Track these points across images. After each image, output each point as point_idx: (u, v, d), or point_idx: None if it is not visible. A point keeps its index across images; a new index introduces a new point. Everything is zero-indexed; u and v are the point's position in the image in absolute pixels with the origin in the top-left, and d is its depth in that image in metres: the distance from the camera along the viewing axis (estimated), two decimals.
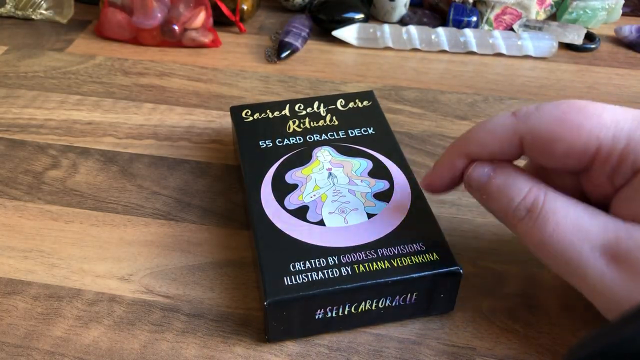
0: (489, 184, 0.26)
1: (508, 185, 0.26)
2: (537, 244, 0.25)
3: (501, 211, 0.26)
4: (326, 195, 0.32)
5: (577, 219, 0.24)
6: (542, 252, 0.25)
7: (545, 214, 0.25)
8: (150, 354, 0.28)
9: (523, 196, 0.26)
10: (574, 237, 0.24)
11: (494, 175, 0.26)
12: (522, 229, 0.26)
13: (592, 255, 0.24)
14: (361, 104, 0.38)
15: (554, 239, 0.24)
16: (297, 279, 0.27)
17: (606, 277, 0.24)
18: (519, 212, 0.26)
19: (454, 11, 0.52)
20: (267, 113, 0.37)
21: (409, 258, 0.28)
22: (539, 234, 0.25)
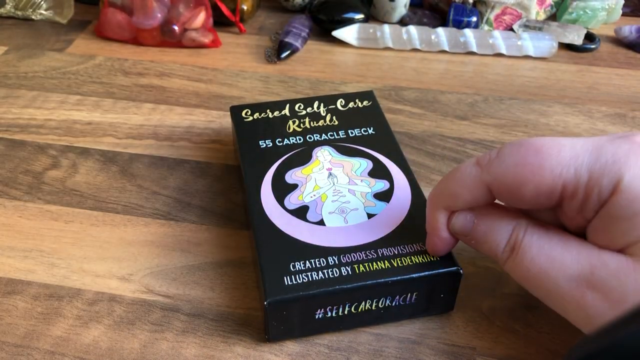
0: (475, 231, 0.27)
1: (492, 230, 0.27)
2: (520, 278, 0.26)
3: (490, 253, 0.27)
4: (326, 195, 0.32)
5: (551, 252, 0.25)
6: (527, 286, 0.26)
7: (522, 250, 0.26)
8: (150, 353, 0.28)
9: (507, 238, 0.26)
10: (549, 269, 0.25)
11: (477, 223, 0.27)
12: (508, 267, 0.27)
13: (567, 286, 0.24)
14: (361, 104, 0.38)
15: (531, 272, 0.25)
16: (297, 279, 0.27)
17: (584, 307, 0.24)
18: (505, 253, 0.27)
19: (454, 11, 0.52)
20: (267, 113, 0.37)
21: (409, 258, 0.28)
22: (519, 269, 0.26)
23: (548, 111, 0.45)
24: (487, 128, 0.43)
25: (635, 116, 0.44)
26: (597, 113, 0.45)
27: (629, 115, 0.44)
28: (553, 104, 0.45)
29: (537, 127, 0.43)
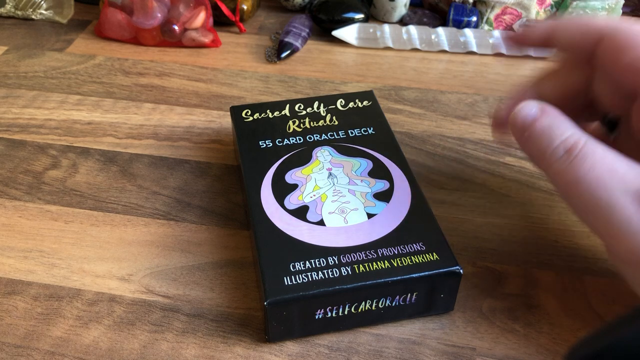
0: (534, 125, 0.27)
1: (552, 128, 0.27)
2: (569, 182, 0.25)
3: (539, 151, 0.27)
4: (326, 195, 0.32)
5: (614, 164, 0.25)
6: (572, 192, 0.26)
7: (583, 155, 0.25)
8: (150, 354, 0.28)
9: (564, 138, 0.26)
10: (608, 178, 0.25)
11: (539, 116, 0.27)
12: (556, 168, 0.26)
13: (622, 199, 0.24)
14: (361, 104, 0.38)
15: (588, 177, 0.25)
16: (297, 279, 0.27)
17: (633, 221, 0.24)
18: (557, 152, 0.26)
19: (454, 11, 0.52)
20: (267, 113, 0.37)
21: (409, 258, 0.28)
22: (574, 172, 0.25)
23: None
24: (487, 128, 0.43)
25: None
26: None
27: None
28: None
29: None
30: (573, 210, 0.26)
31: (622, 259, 0.25)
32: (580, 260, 0.33)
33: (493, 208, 0.36)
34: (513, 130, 0.28)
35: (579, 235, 0.34)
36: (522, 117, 0.27)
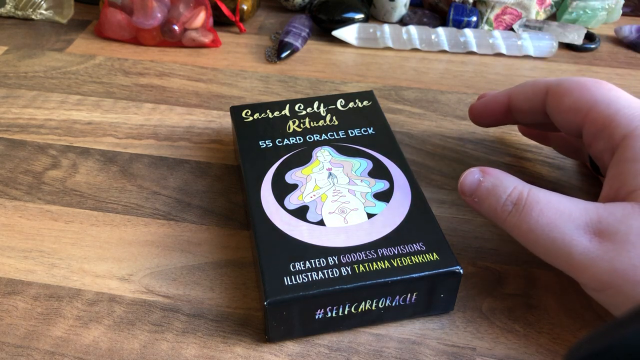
0: (479, 187, 0.29)
1: (495, 186, 0.29)
2: (524, 232, 0.28)
3: (491, 210, 0.29)
4: (326, 195, 0.32)
5: (559, 205, 0.27)
6: (530, 240, 0.28)
7: (529, 204, 0.27)
8: (150, 354, 0.28)
9: (509, 193, 0.28)
10: (558, 219, 0.27)
11: (483, 180, 0.29)
12: (510, 222, 0.28)
13: (575, 234, 0.26)
14: (361, 104, 0.38)
15: (539, 224, 0.27)
16: (297, 279, 0.27)
17: (590, 253, 0.26)
18: (506, 207, 0.28)
19: (454, 11, 0.52)
20: (267, 113, 0.37)
21: (409, 258, 0.28)
22: (526, 222, 0.27)
23: None
24: (487, 128, 0.43)
25: None
26: None
27: None
28: None
29: None
30: (537, 255, 0.28)
31: (593, 287, 0.27)
32: None
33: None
34: (464, 197, 0.30)
35: None
36: (468, 184, 0.30)
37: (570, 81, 0.31)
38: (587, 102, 0.30)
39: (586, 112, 0.29)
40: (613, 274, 0.25)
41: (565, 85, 0.31)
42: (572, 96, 0.30)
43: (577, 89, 0.30)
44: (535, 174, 0.38)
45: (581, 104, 0.30)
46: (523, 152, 0.40)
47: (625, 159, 0.27)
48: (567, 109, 0.30)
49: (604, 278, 0.25)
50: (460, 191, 0.30)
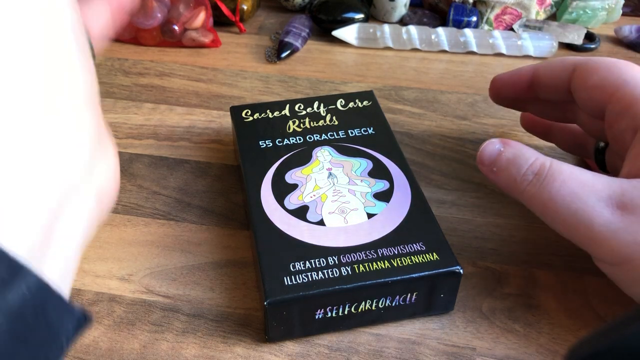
0: (499, 158, 0.29)
1: (517, 156, 0.28)
2: (544, 202, 0.27)
3: (510, 180, 0.28)
4: (326, 195, 0.32)
5: (582, 177, 0.27)
6: (549, 210, 0.27)
7: (552, 174, 0.27)
8: (150, 354, 0.28)
9: (530, 163, 0.28)
10: (580, 190, 0.26)
11: (503, 150, 0.29)
12: (529, 192, 0.28)
13: (598, 205, 0.26)
14: (361, 104, 0.38)
15: (561, 193, 0.26)
16: (297, 279, 0.27)
17: (612, 225, 0.25)
18: (526, 177, 0.28)
19: (454, 11, 0.52)
20: (267, 113, 0.37)
21: (409, 258, 0.28)
22: (547, 192, 0.27)
23: None
24: (487, 128, 0.43)
25: None
26: None
27: None
28: None
29: None
30: (554, 227, 0.28)
31: (609, 261, 0.26)
32: (580, 260, 0.33)
33: (493, 208, 0.36)
34: (482, 168, 0.30)
35: None
36: (488, 153, 0.29)
37: (599, 59, 0.31)
38: (615, 80, 0.29)
39: (613, 90, 0.29)
40: (634, 247, 0.25)
41: (594, 62, 0.31)
42: (600, 73, 0.30)
43: (605, 67, 0.30)
44: None
45: (609, 82, 0.30)
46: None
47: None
48: (594, 86, 0.30)
49: (623, 251, 0.25)
50: (478, 161, 0.30)
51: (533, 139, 0.41)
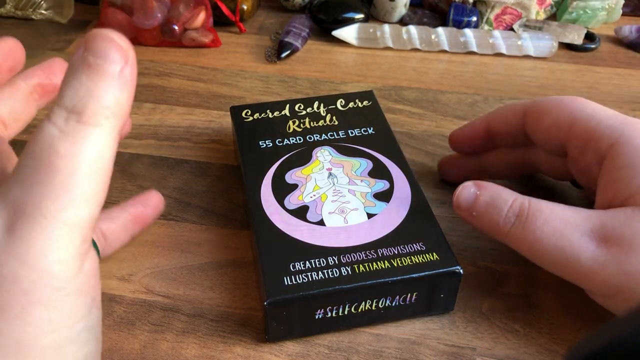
0: (477, 202, 0.29)
1: (494, 199, 0.29)
2: (529, 243, 0.27)
3: (492, 223, 0.28)
4: (326, 195, 0.32)
5: (563, 214, 0.27)
6: (535, 251, 0.27)
7: (533, 214, 0.27)
8: (150, 354, 0.28)
9: (510, 205, 0.28)
10: (563, 228, 0.27)
11: (480, 193, 0.29)
12: (513, 235, 0.28)
13: (582, 241, 0.26)
14: (361, 104, 0.38)
15: (545, 234, 0.27)
16: (297, 279, 0.27)
17: (598, 258, 0.26)
18: (508, 220, 0.28)
19: (454, 11, 0.52)
20: (267, 113, 0.37)
21: (409, 258, 0.28)
22: (531, 233, 0.27)
23: None
24: None
25: (636, 116, 0.44)
26: None
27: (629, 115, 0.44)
28: None
29: None
30: (544, 265, 0.28)
31: (603, 293, 0.27)
32: None
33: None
34: (460, 213, 0.30)
35: None
36: (464, 198, 0.29)
37: (547, 100, 0.31)
38: (567, 118, 0.30)
39: (568, 127, 0.30)
40: (624, 277, 0.25)
41: (542, 104, 0.31)
42: (551, 114, 0.31)
43: (555, 107, 0.31)
44: (534, 174, 0.38)
45: (562, 121, 0.30)
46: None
47: (614, 167, 0.28)
48: (549, 126, 0.31)
49: (614, 282, 0.25)
50: (455, 206, 0.30)
51: None
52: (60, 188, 0.19)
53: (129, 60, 0.21)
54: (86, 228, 0.20)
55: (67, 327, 0.19)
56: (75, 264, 0.19)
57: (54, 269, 0.19)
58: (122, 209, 0.31)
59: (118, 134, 0.20)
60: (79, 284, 0.19)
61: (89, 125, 0.19)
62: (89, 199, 0.19)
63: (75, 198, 0.19)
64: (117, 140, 0.20)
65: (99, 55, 0.20)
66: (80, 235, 0.19)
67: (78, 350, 0.20)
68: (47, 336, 0.19)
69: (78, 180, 0.19)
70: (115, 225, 0.30)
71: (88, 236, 0.20)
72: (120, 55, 0.20)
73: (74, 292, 0.19)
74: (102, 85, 0.20)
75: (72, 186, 0.19)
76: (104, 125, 0.20)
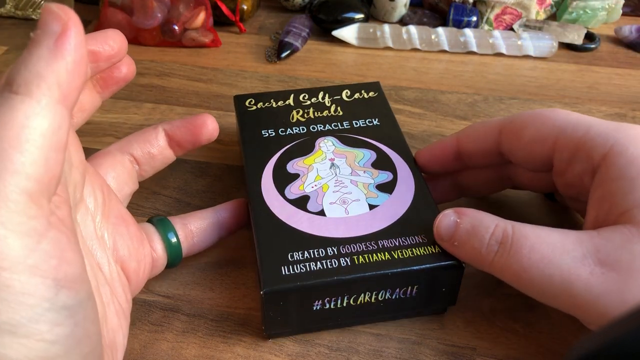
0: (458, 230, 0.27)
1: (475, 226, 0.27)
2: (516, 272, 0.25)
3: (474, 251, 0.27)
4: (328, 185, 0.31)
5: (550, 238, 0.25)
6: (523, 280, 0.25)
7: (517, 240, 0.25)
8: (150, 354, 0.28)
9: (492, 231, 0.26)
10: (551, 254, 0.24)
11: (460, 221, 0.27)
12: (498, 263, 0.26)
13: (574, 267, 0.24)
14: (367, 95, 0.38)
15: (532, 260, 0.25)
16: (295, 269, 0.27)
17: (594, 288, 0.23)
18: (491, 248, 0.26)
19: (454, 11, 0.52)
20: (270, 102, 0.37)
21: (409, 250, 0.28)
22: (516, 261, 0.25)
23: None
24: None
25: (636, 116, 0.44)
26: (597, 113, 0.44)
27: (629, 115, 0.44)
28: (553, 104, 0.45)
29: None
30: (533, 296, 0.26)
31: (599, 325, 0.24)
32: None
33: (493, 208, 0.36)
34: (442, 244, 0.28)
35: None
36: (444, 227, 0.27)
37: (525, 114, 0.30)
38: (551, 129, 0.28)
39: (554, 139, 0.28)
40: (623, 308, 0.23)
41: (520, 119, 0.29)
42: (531, 128, 0.29)
43: (535, 120, 0.29)
44: None
45: (545, 133, 0.28)
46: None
47: (610, 178, 0.25)
48: (531, 141, 0.29)
49: (612, 313, 0.23)
50: (436, 237, 0.28)
51: None
52: None
53: (69, 30, 0.20)
54: (26, 204, 0.18)
55: (25, 307, 0.18)
56: (21, 242, 0.18)
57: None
58: (214, 211, 0.32)
59: (61, 106, 0.19)
60: (32, 263, 0.18)
61: (17, 94, 0.18)
62: (21, 172, 0.18)
63: (0, 171, 0.18)
64: (60, 112, 0.19)
65: (38, 28, 0.19)
66: (17, 211, 0.18)
67: (44, 332, 0.18)
68: (2, 315, 0.18)
69: (3, 152, 0.18)
70: (205, 225, 0.31)
71: (35, 213, 0.18)
72: (56, 25, 0.19)
73: (26, 271, 0.18)
74: (34, 54, 0.19)
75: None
76: (34, 95, 0.19)
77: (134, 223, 0.28)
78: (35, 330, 0.18)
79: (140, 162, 0.31)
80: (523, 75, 0.49)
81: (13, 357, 0.18)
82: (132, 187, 0.31)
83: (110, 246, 0.26)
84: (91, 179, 0.26)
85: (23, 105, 0.18)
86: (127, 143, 0.31)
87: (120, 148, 0.31)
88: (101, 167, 0.29)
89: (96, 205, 0.25)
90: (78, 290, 0.20)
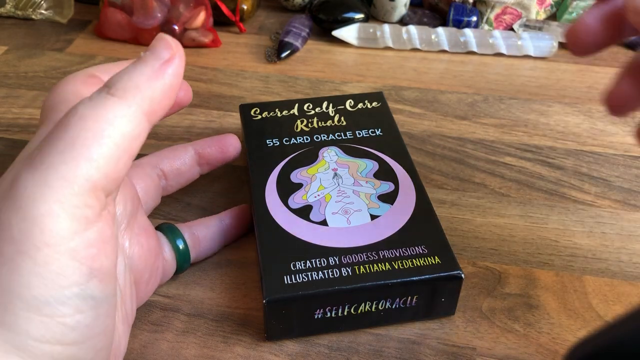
0: None
1: None
2: None
3: None
4: (330, 195, 0.32)
5: None
6: None
7: None
8: (150, 354, 0.28)
9: None
10: None
11: None
12: None
13: None
14: (370, 105, 0.38)
15: None
16: (297, 278, 0.27)
17: None
18: None
19: (454, 11, 0.52)
20: (275, 112, 0.37)
21: (410, 261, 0.28)
22: None
23: (548, 111, 0.45)
24: (487, 128, 0.43)
25: (635, 116, 0.44)
26: (597, 113, 0.45)
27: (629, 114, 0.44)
28: (553, 104, 0.45)
29: (537, 127, 0.43)
30: None
31: None
32: (580, 260, 0.33)
33: (493, 208, 0.36)
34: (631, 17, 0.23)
35: (579, 235, 0.34)
36: None
37: None
38: None
39: None
40: None
41: None
42: None
43: None
44: (535, 173, 0.38)
45: None
46: (523, 152, 0.40)
47: None
48: None
49: None
50: (632, 12, 0.23)
51: None
52: (67, 143, 0.19)
53: (174, 59, 0.22)
54: (88, 191, 0.19)
55: (56, 287, 0.19)
56: (70, 224, 0.19)
57: (44, 221, 0.19)
58: (218, 219, 0.32)
59: (146, 119, 0.21)
60: (74, 246, 0.19)
61: (113, 97, 0.20)
62: (94, 161, 0.19)
63: (77, 156, 0.19)
64: (143, 123, 0.21)
65: (149, 50, 0.21)
66: (79, 195, 0.19)
67: (67, 315, 0.19)
68: (33, 289, 0.18)
69: (85, 140, 0.19)
70: (211, 232, 0.32)
71: (92, 203, 0.20)
72: (166, 52, 0.21)
73: (66, 253, 0.19)
74: (138, 69, 0.21)
75: (78, 144, 0.19)
76: (128, 100, 0.20)
77: (155, 236, 0.28)
78: (59, 312, 0.19)
79: (168, 177, 0.32)
80: (523, 75, 0.49)
81: (31, 332, 0.18)
82: (156, 202, 0.32)
83: (129, 255, 0.26)
84: (125, 188, 0.26)
85: (115, 105, 0.20)
86: (158, 158, 0.32)
87: (151, 162, 0.31)
88: (132, 178, 0.30)
89: (124, 214, 0.26)
90: (107, 284, 0.20)
